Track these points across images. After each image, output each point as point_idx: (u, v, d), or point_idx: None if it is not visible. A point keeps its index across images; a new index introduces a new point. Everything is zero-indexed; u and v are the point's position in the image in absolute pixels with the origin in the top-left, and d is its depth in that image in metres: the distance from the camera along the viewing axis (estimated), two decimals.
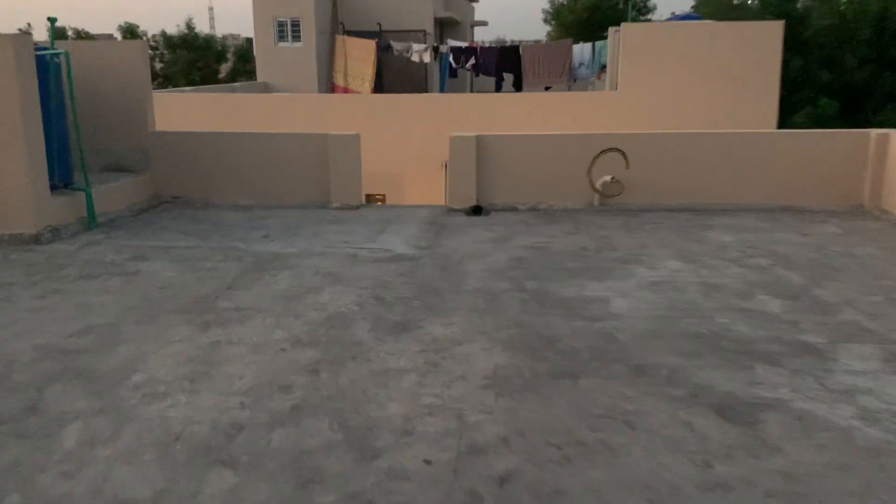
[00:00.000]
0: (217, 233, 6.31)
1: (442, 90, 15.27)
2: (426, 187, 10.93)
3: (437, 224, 6.73)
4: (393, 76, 16.96)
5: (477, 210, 7.27)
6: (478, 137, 7.27)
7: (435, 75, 17.33)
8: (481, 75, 13.94)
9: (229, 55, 32.41)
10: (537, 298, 4.54)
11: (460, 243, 5.99)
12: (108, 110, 7.56)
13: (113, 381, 3.35)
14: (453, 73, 14.30)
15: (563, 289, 4.70)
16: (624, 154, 7.19)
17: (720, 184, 7.19)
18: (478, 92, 17.10)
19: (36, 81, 5.84)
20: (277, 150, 7.57)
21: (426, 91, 17.29)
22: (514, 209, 7.32)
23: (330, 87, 16.08)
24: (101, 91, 7.51)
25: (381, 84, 15.68)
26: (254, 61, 18.80)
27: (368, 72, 14.88)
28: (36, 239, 5.79)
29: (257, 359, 3.61)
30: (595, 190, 7.26)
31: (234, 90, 15.06)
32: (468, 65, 13.53)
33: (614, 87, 11.83)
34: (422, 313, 4.26)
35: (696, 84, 11.75)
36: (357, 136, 7.48)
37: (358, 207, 7.43)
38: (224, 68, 31.18)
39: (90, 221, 6.35)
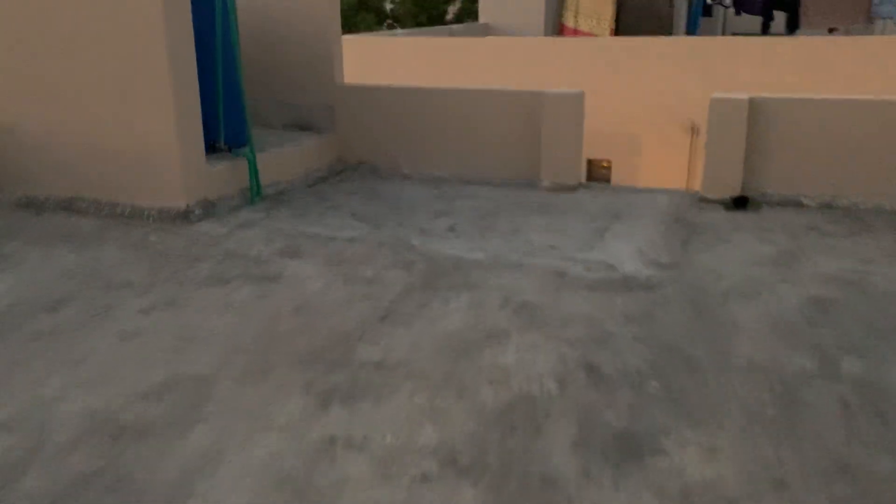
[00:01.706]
0: (395, 217, 4.98)
1: (693, 32, 12.75)
2: (666, 155, 8.86)
3: (684, 222, 4.86)
4: (632, 15, 14.61)
5: (741, 202, 5.25)
6: (751, 101, 5.19)
7: (681, 14, 14.71)
8: (743, 13, 11.28)
9: None
10: (869, 402, 2.62)
11: (720, 261, 4.11)
12: (290, 59, 6.49)
13: None
14: (707, 11, 11.74)
15: None
16: None
17: None
18: (734, 34, 14.27)
19: (189, 15, 4.78)
20: (477, 110, 6.05)
21: (671, 33, 14.75)
22: (796, 204, 5.19)
23: (558, 28, 14.17)
24: (281, 36, 6.45)
25: (618, 25, 13.50)
26: None
27: (606, 10, 12.76)
28: (185, 216, 4.84)
29: (379, 496, 2.17)
30: None
31: (452, 33, 13.73)
32: (727, 0, 10.95)
33: None
34: (663, 414, 2.56)
35: None
36: (580, 95, 5.73)
37: (575, 189, 5.72)
38: (452, 10, 30.20)
39: (253, 194, 5.31)
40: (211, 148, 5.42)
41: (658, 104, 8.93)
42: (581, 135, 5.82)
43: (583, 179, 5.87)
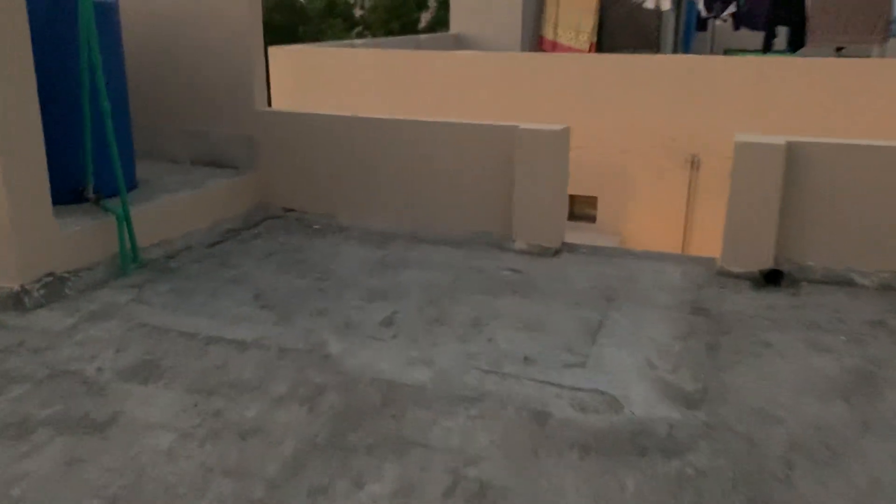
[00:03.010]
0: (315, 299, 3.66)
1: (686, 49, 11.59)
2: (660, 191, 7.64)
3: (705, 311, 3.59)
4: (615, 28, 13.47)
5: (774, 277, 4.01)
6: (789, 146, 3.95)
7: (669, 28, 13.58)
8: (742, 28, 10.14)
9: (430, 1, 30.04)
10: None
11: (767, 387, 2.84)
12: (200, 77, 5.16)
13: None
14: (702, 26, 10.60)
15: None
16: None
17: None
18: (726, 51, 13.17)
19: (27, 27, 3.42)
20: (437, 147, 4.76)
21: (656, 49, 13.59)
22: (847, 282, 3.95)
23: (537, 41, 12.96)
24: (190, 49, 5.11)
25: (600, 39, 12.33)
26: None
27: (587, 21, 11.57)
28: (18, 300, 3.47)
29: None
30: None
31: (418, 44, 12.44)
32: (725, 13, 9.81)
33: None
34: None
35: None
36: (565, 132, 4.47)
37: (557, 252, 4.44)
38: (425, 17, 28.93)
39: (126, 262, 3.95)
40: (78, 197, 4.08)
41: (650, 132, 7.71)
42: (565, 182, 4.55)
43: (565, 239, 4.60)
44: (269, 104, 8.17)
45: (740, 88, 7.31)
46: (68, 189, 4.07)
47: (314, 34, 24.13)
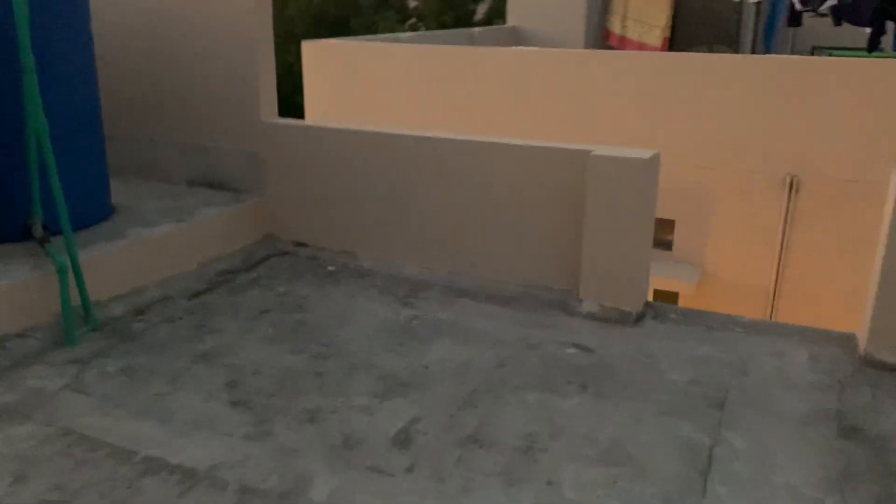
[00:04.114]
0: (308, 390, 2.69)
1: (767, 48, 10.25)
2: (747, 216, 6.46)
3: (857, 432, 2.49)
4: (689, 22, 12.19)
5: None
6: None
7: (751, 22, 12.22)
8: (844, 23, 8.80)
9: None
10: None
11: None
12: (199, 83, 4.24)
13: None
14: (795, 20, 9.25)
15: None
16: None
17: None
18: (815, 49, 11.76)
19: None
20: (483, 172, 3.74)
21: (735, 46, 12.26)
22: None
23: (603, 34, 11.77)
24: (187, 50, 4.20)
25: (674, 33, 11.09)
26: None
27: (660, 14, 10.36)
28: None
29: None
30: None
31: (472, 38, 11.38)
32: (824, 6, 8.49)
33: None
34: None
35: None
36: (654, 161, 3.39)
37: (637, 319, 3.37)
38: (482, 9, 27.77)
39: (71, 330, 3.02)
40: (27, 234, 3.20)
41: (738, 145, 6.52)
42: (651, 225, 3.48)
43: (649, 297, 3.52)
44: (303, 109, 7.26)
45: (852, 96, 6.07)
46: (12, 224, 3.20)
47: (367, 26, 23.30)
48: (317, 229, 4.12)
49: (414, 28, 25.10)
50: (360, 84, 7.90)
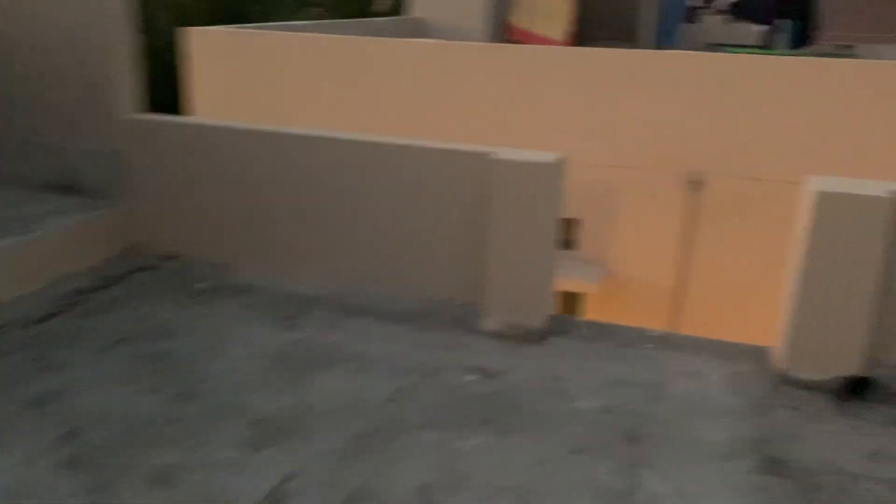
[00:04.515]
0: (160, 447, 2.26)
1: (663, 42, 10.30)
2: (651, 215, 6.36)
3: (779, 464, 2.29)
4: (591, 17, 12.13)
5: (860, 386, 2.74)
6: None
7: (648, 17, 12.30)
8: (741, 20, 8.89)
9: None
10: None
11: None
12: (49, 70, 3.68)
13: None
14: (692, 17, 9.30)
15: None
16: None
17: None
18: (711, 45, 11.96)
19: None
20: (378, 175, 3.37)
21: (633, 41, 12.31)
22: None
23: (506, 29, 11.56)
24: (35, 35, 3.63)
25: (577, 29, 10.99)
26: None
27: (562, 10, 10.23)
28: None
29: None
30: None
31: (373, 28, 10.93)
32: (723, 3, 8.52)
33: None
34: None
35: None
36: (559, 165, 3.11)
37: (544, 336, 3.10)
38: None
39: None
40: None
41: (642, 143, 6.42)
42: (556, 233, 3.21)
43: (552, 309, 3.25)
44: (191, 102, 6.66)
45: (752, 93, 6.06)
46: None
47: (264, 13, 22.33)
48: (188, 239, 3.64)
49: (319, 17, 24.23)
50: (254, 77, 7.35)
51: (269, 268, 3.54)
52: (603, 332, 3.23)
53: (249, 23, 15.19)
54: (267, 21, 18.90)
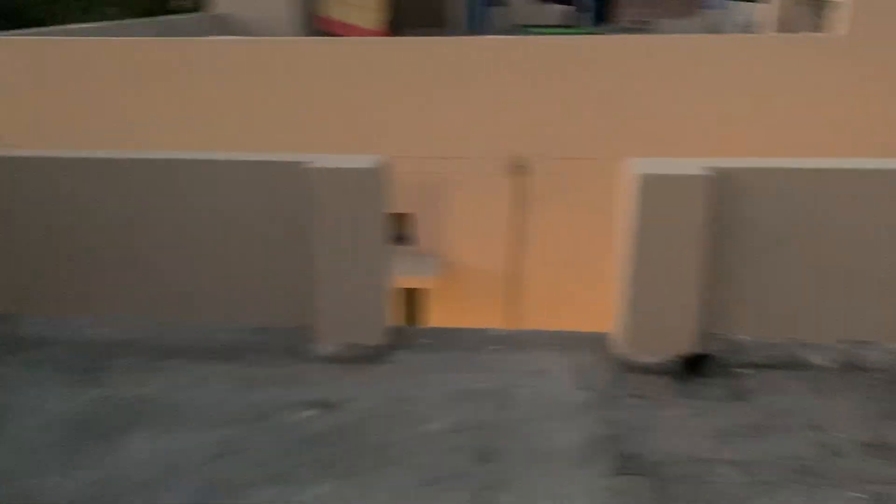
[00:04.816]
0: None
1: (473, 26, 10.38)
2: (479, 203, 6.34)
3: (635, 460, 2.25)
4: (401, 4, 12.00)
5: (697, 363, 2.78)
6: (719, 173, 2.69)
7: (456, 4, 12.42)
8: (546, 1, 9.09)
9: None
10: None
11: None
12: None
13: None
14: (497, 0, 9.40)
15: None
16: None
17: None
18: (521, 26, 12.26)
19: None
20: (188, 194, 2.99)
21: (444, 27, 12.33)
22: (799, 365, 2.80)
23: (316, 21, 11.14)
24: None
25: (394, 17, 10.80)
26: None
27: None
28: None
29: None
30: None
31: (166, 28, 10.10)
32: None
33: (826, 25, 6.61)
34: None
35: None
36: (380, 170, 2.89)
37: (381, 355, 2.89)
38: None
39: None
40: None
41: (463, 132, 6.36)
42: (385, 241, 3.00)
43: (390, 322, 3.05)
44: None
45: (564, 73, 6.17)
46: None
47: (40, 17, 20.15)
48: None
49: (111, 17, 22.16)
50: (32, 90, 6.50)
51: (67, 310, 3.05)
52: (445, 338, 3.08)
53: (28, 26, 13.63)
54: (47, 24, 17.06)
